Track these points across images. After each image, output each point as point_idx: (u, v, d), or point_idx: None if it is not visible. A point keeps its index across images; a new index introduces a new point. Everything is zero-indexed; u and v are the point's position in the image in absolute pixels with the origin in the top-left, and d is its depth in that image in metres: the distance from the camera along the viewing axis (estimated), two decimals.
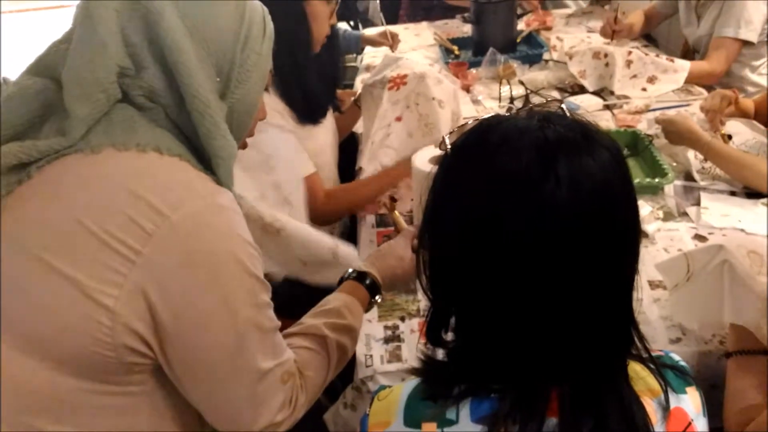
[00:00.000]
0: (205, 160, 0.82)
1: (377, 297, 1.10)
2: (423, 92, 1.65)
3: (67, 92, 0.76)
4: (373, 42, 2.62)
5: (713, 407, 0.85)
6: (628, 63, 2.15)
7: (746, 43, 2.18)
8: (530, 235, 0.59)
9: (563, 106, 0.68)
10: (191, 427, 0.87)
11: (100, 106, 0.76)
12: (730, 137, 1.71)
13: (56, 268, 0.72)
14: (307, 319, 0.99)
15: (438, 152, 1.44)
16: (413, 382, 0.71)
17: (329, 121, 1.70)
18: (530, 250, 0.60)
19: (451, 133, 0.68)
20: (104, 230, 0.72)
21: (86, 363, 0.74)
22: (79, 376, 0.75)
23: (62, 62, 0.78)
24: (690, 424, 0.69)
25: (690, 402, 0.71)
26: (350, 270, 1.11)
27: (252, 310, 0.80)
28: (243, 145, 0.97)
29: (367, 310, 1.08)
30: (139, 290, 0.72)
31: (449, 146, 0.66)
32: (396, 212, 1.39)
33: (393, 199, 1.45)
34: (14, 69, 0.86)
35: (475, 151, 0.64)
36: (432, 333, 0.70)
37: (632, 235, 0.64)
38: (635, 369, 0.68)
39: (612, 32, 2.44)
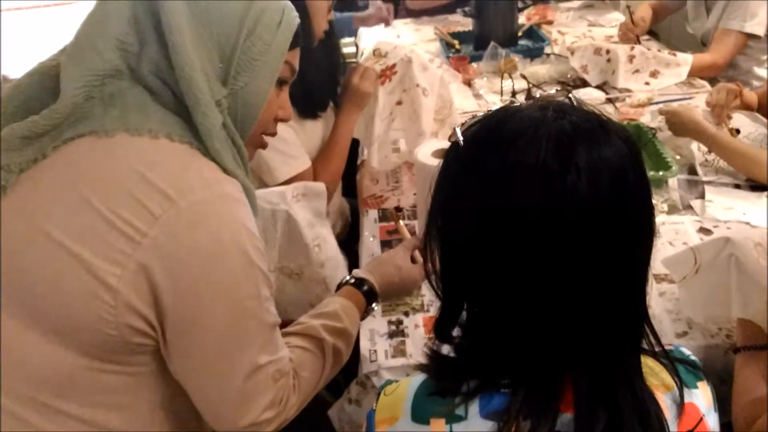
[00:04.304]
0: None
1: (374, 305, 1.10)
2: (410, 77, 1.67)
3: (64, 58, 0.78)
4: (366, 20, 2.55)
5: (720, 402, 0.84)
6: (631, 58, 2.14)
7: (753, 37, 2.17)
8: (549, 227, 0.58)
9: (571, 95, 0.67)
10: (188, 414, 0.86)
11: (92, 66, 0.76)
12: (738, 131, 1.70)
13: (63, 244, 0.73)
14: (305, 319, 0.98)
15: (439, 146, 1.43)
16: (420, 377, 0.70)
17: (329, 116, 1.69)
18: (548, 242, 0.58)
19: (462, 124, 0.66)
20: (112, 210, 0.73)
21: (88, 340, 0.75)
22: (81, 352, 0.76)
23: None
24: (701, 419, 0.68)
25: (701, 397, 0.70)
26: (348, 276, 1.11)
27: (253, 302, 0.80)
28: (263, 144, 0.97)
29: (363, 318, 1.08)
30: (142, 271, 0.73)
31: (461, 139, 0.65)
32: (401, 222, 1.38)
33: (398, 209, 1.45)
34: (14, 66, 0.87)
35: (490, 143, 0.62)
36: (441, 329, 0.69)
37: (647, 225, 0.63)
38: (648, 363, 0.67)
39: (636, 36, 2.39)
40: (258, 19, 0.83)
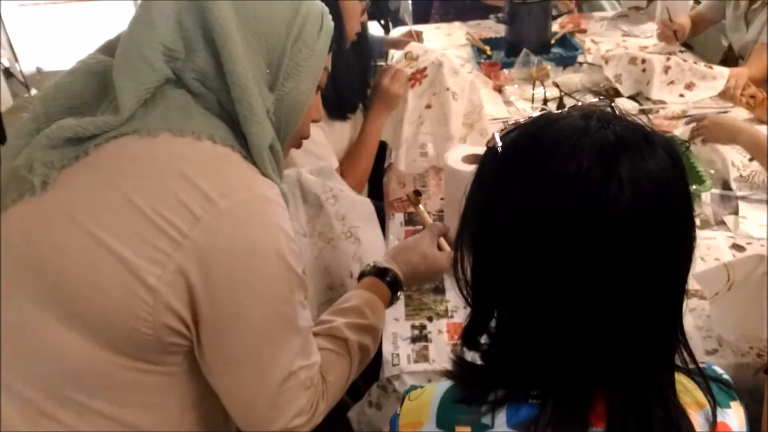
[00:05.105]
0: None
1: (399, 294, 1.08)
2: (440, 80, 1.66)
3: (115, 68, 0.77)
4: (396, 44, 2.57)
5: (749, 423, 0.82)
6: (666, 69, 2.10)
7: None
8: (588, 238, 0.57)
9: (614, 104, 0.65)
10: (217, 416, 0.86)
11: (146, 80, 0.76)
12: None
13: (104, 242, 0.73)
14: (328, 317, 0.98)
15: (469, 151, 1.42)
16: (445, 383, 0.69)
17: (357, 118, 1.69)
18: (586, 253, 0.57)
19: (501, 130, 0.65)
20: (154, 210, 0.72)
21: (124, 338, 0.75)
22: (115, 351, 0.76)
23: None
24: None
25: (734, 417, 0.68)
26: (371, 265, 1.09)
27: (288, 306, 0.79)
28: (298, 145, 0.98)
29: (388, 306, 1.06)
30: (181, 272, 0.73)
31: (500, 144, 0.64)
32: (420, 207, 1.34)
33: (417, 193, 1.41)
34: (29, 59, 0.86)
35: (530, 150, 0.61)
36: (469, 336, 0.68)
37: (688, 239, 0.61)
38: (681, 381, 0.65)
39: (674, 33, 2.39)
40: (303, 26, 0.83)
